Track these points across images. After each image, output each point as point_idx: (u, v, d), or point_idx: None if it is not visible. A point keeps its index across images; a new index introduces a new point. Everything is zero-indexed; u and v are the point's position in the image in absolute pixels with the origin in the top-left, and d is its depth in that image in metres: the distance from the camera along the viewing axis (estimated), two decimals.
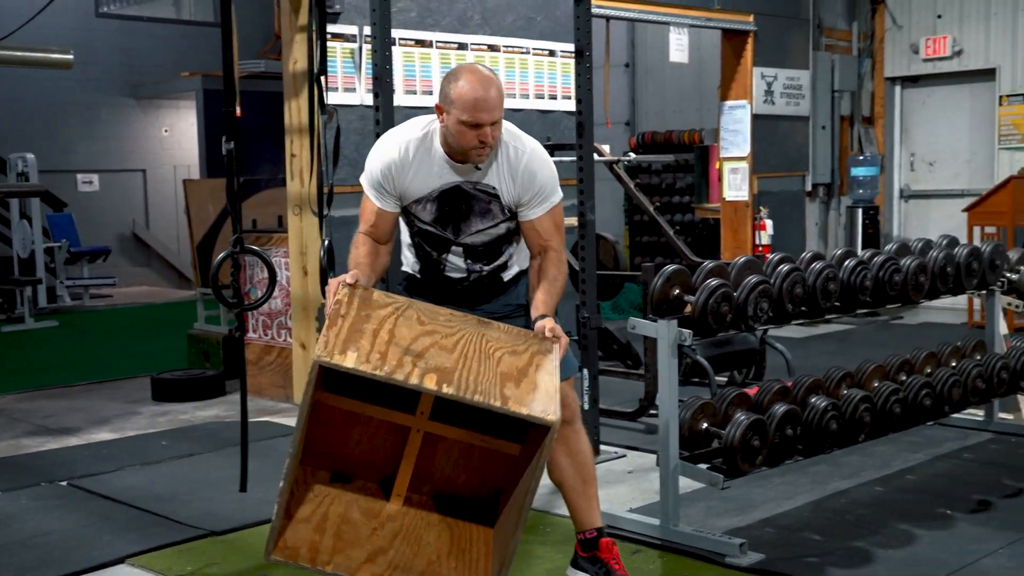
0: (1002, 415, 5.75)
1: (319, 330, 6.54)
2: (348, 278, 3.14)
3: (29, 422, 6.54)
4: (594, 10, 7.68)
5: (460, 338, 3.04)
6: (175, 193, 14.57)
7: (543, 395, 2.92)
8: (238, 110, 4.42)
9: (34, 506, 4.75)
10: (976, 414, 5.73)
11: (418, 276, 3.59)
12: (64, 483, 5.10)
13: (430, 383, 2.81)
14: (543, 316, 3.24)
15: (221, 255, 4.27)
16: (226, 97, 4.27)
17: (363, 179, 3.42)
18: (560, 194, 3.45)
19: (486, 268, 3.52)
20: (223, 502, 4.72)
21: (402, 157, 3.33)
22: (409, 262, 3.63)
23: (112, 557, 4.06)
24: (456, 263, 3.50)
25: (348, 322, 2.95)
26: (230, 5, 4.29)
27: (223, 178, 12.42)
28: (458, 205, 3.39)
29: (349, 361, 2.78)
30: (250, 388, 7.06)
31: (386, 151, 3.36)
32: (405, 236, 3.58)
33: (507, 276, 3.57)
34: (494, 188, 3.36)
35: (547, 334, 3.15)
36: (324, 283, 4.86)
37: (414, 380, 2.80)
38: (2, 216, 12.04)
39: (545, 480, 3.24)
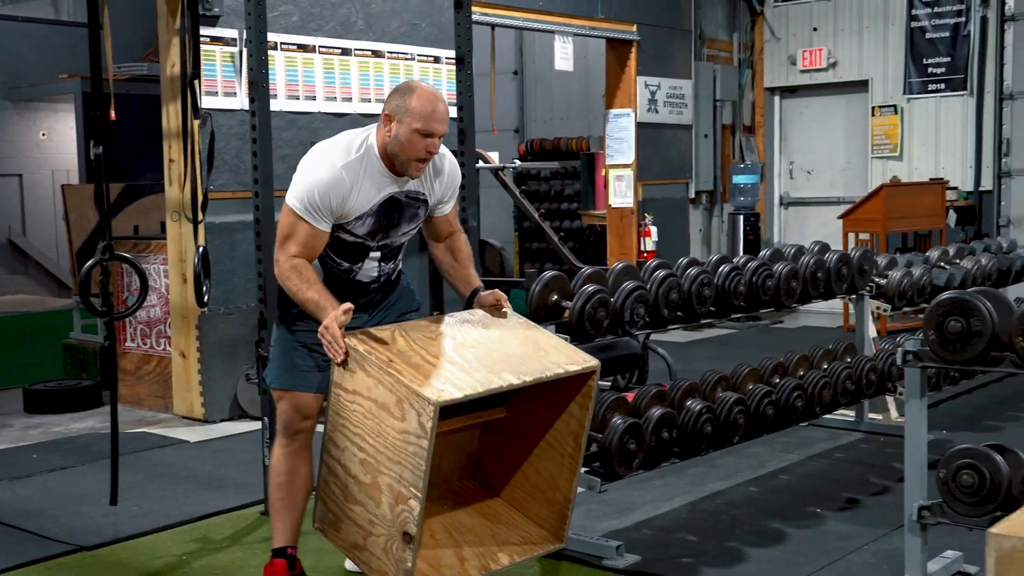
0: (871, 415, 5.93)
1: (199, 339, 6.44)
2: (342, 314, 3.16)
3: None
4: (478, 17, 7.74)
5: (464, 339, 3.33)
6: (53, 199, 14.13)
7: (563, 350, 3.35)
8: (112, 114, 4.32)
9: None
10: (847, 415, 5.90)
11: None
12: None
13: (514, 379, 3.09)
14: (479, 288, 3.56)
15: (90, 262, 4.15)
16: (95, 100, 4.17)
17: (294, 201, 3.30)
18: None
19: (394, 268, 3.62)
20: (95, 516, 4.60)
21: (343, 183, 3.30)
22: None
23: None
24: (369, 269, 3.53)
25: (397, 359, 3.11)
26: (97, 7, 4.18)
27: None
28: (392, 214, 3.44)
29: (456, 391, 2.98)
30: (128, 398, 6.94)
31: (324, 177, 3.29)
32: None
33: (396, 272, 3.67)
34: (423, 194, 3.49)
35: (495, 302, 3.47)
36: (199, 290, 4.78)
37: (501, 382, 3.07)
38: None
39: None
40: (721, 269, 4.77)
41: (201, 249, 4.65)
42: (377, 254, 3.52)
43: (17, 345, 9.67)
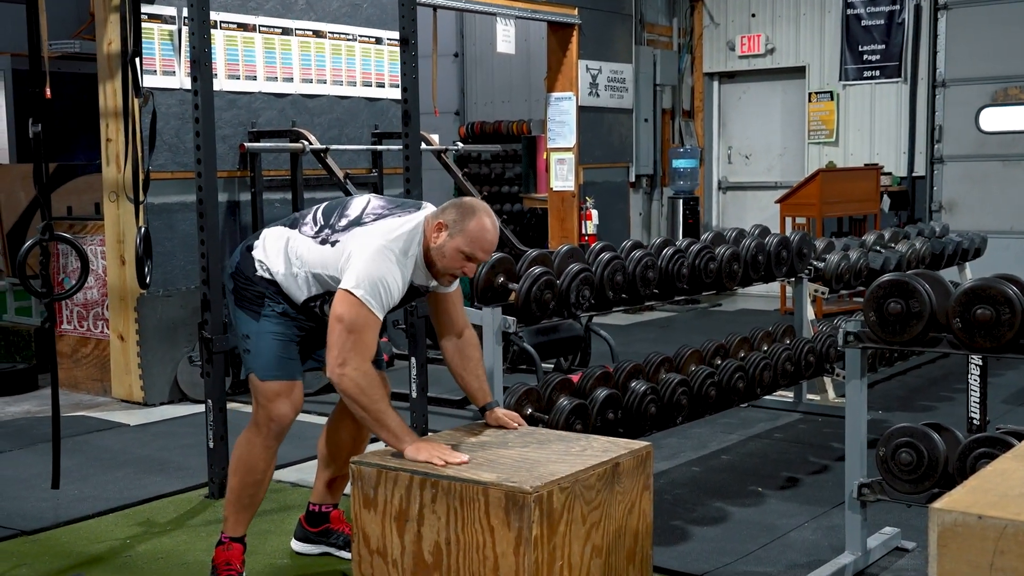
0: (810, 396, 6.04)
1: (138, 321, 6.35)
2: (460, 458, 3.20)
3: None
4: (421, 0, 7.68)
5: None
6: None
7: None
8: (47, 91, 4.24)
9: None
10: (786, 396, 6.00)
11: (290, 313, 3.52)
12: None
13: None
14: (493, 405, 3.59)
15: (29, 243, 4.07)
16: (32, 78, 4.09)
17: (364, 292, 3.24)
18: None
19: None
20: (34, 500, 4.54)
21: (405, 276, 3.35)
22: (290, 290, 3.50)
23: None
24: None
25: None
26: None
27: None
28: (410, 300, 3.58)
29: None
30: (65, 382, 6.83)
31: (396, 269, 3.31)
32: (294, 281, 3.48)
33: None
34: (431, 286, 3.55)
35: (511, 423, 3.57)
36: (141, 272, 4.72)
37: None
38: None
39: None
40: (665, 252, 4.81)
41: (143, 230, 4.59)
42: None
43: None
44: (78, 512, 4.39)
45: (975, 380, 4.19)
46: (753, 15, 11.19)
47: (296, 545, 3.90)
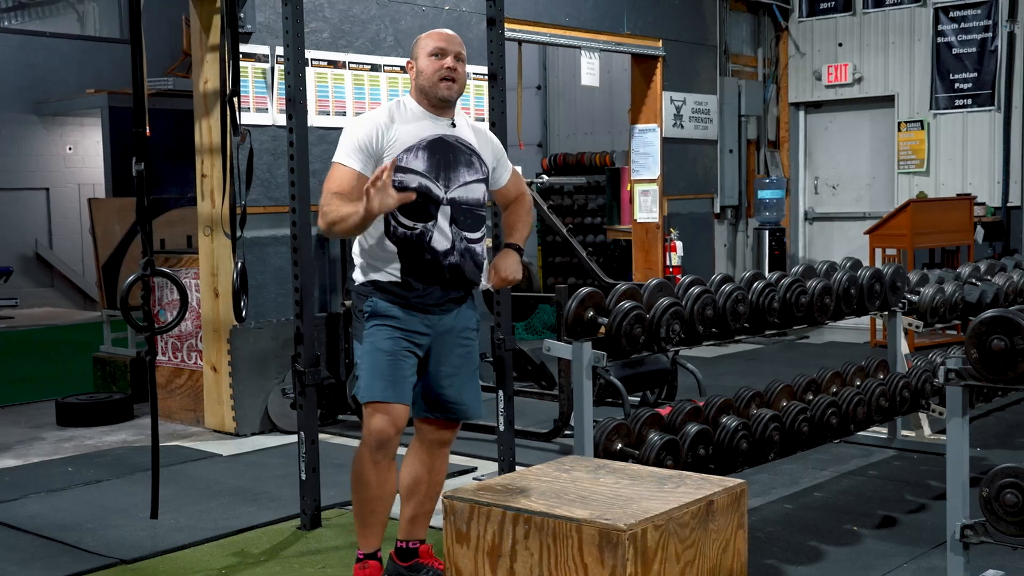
0: (905, 432, 5.91)
1: (230, 352, 6.47)
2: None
3: None
4: (506, 34, 7.76)
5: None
6: (80, 212, 14.25)
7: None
8: (148, 130, 4.36)
9: None
10: (880, 432, 5.88)
11: (397, 276, 3.61)
12: None
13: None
14: (511, 246, 3.80)
15: (131, 277, 4.20)
16: (135, 117, 4.22)
17: (343, 150, 3.57)
18: None
19: (468, 243, 3.67)
20: (133, 529, 4.62)
21: (388, 117, 3.61)
22: (379, 266, 3.63)
23: None
24: (444, 230, 3.60)
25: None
26: (139, 26, 4.23)
27: (129, 197, 12.18)
28: (446, 154, 3.62)
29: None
30: (160, 412, 6.93)
31: (369, 117, 3.65)
32: (370, 241, 3.62)
33: (481, 266, 3.76)
34: (471, 143, 3.71)
35: (498, 276, 3.74)
36: (237, 305, 4.82)
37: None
38: None
39: None
40: (755, 285, 4.77)
41: (240, 265, 4.68)
42: (448, 209, 3.61)
43: (46, 358, 9.75)
44: (175, 542, 4.46)
45: None
46: (840, 44, 11.09)
47: None
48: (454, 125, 3.69)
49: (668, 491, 3.36)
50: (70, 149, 14.66)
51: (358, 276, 3.69)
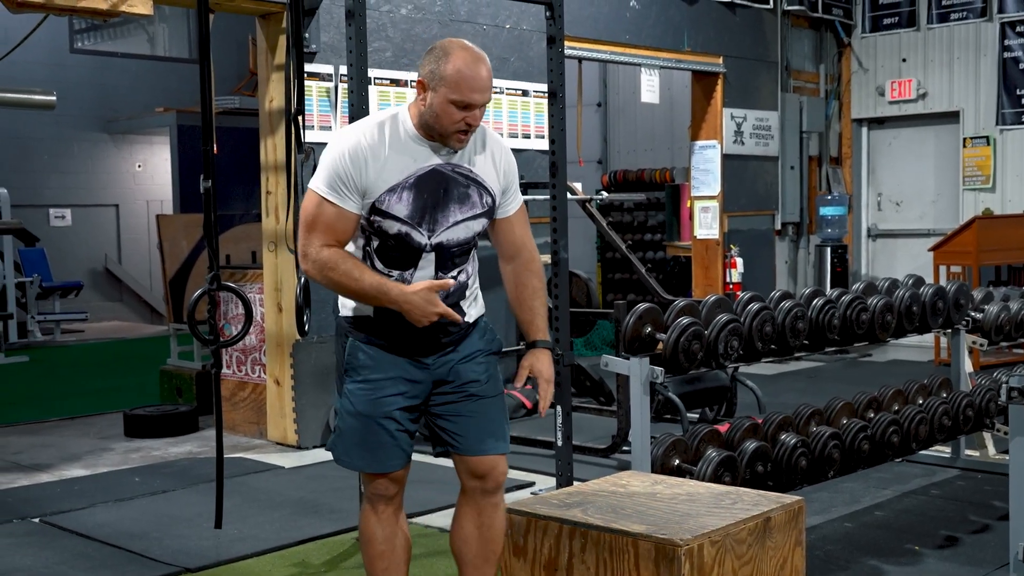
0: (968, 452, 5.82)
1: (293, 366, 6.57)
2: (436, 285, 2.95)
3: (0, 458, 6.49)
4: (567, 52, 7.81)
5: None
6: (148, 228, 14.53)
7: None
8: (215, 148, 4.45)
9: (6, 543, 4.70)
10: (943, 451, 5.79)
11: (370, 314, 3.05)
12: (36, 520, 5.06)
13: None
14: (540, 345, 3.21)
15: (198, 292, 4.29)
16: (203, 135, 4.32)
17: (317, 181, 2.96)
18: None
19: (458, 287, 3.09)
20: (197, 538, 4.70)
21: (371, 142, 2.94)
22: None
23: None
24: (424, 279, 3.02)
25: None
26: (208, 46, 4.33)
27: (196, 213, 12.34)
28: (436, 191, 2.99)
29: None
30: (224, 424, 7.08)
31: (349, 140, 2.94)
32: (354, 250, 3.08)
33: (468, 311, 3.15)
34: (472, 171, 3.06)
35: (541, 399, 3.20)
36: (300, 320, 4.90)
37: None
38: None
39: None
40: (815, 302, 4.74)
41: (303, 280, 4.76)
42: (431, 256, 3.03)
43: (115, 371, 9.95)
44: (238, 552, 4.53)
45: None
46: (904, 60, 10.98)
47: None
48: (454, 151, 3.02)
49: (725, 507, 3.36)
50: (139, 166, 14.97)
51: (340, 305, 3.14)
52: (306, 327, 4.86)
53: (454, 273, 3.08)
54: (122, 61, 14.37)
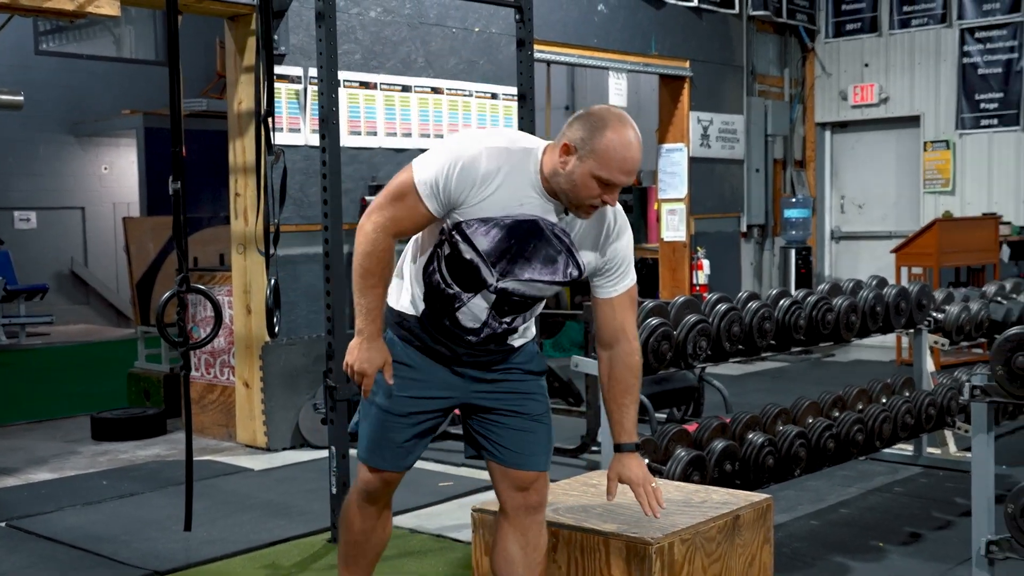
0: (930, 449, 5.88)
1: (262, 368, 6.54)
2: (384, 369, 2.88)
3: None
4: (536, 55, 7.83)
5: None
6: (114, 231, 14.40)
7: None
8: (184, 150, 4.42)
9: None
10: (906, 449, 5.85)
11: (417, 317, 2.95)
12: (3, 524, 4.98)
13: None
14: (626, 448, 3.06)
15: (167, 294, 4.25)
16: (173, 137, 4.28)
17: (421, 166, 2.77)
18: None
19: (500, 328, 2.94)
20: (166, 541, 4.65)
21: (489, 168, 2.73)
22: (409, 288, 2.98)
23: None
24: (476, 311, 2.89)
25: None
26: (177, 48, 4.30)
27: (163, 216, 12.28)
28: (526, 243, 2.80)
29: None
30: (193, 427, 7.02)
31: (469, 153, 2.74)
32: (416, 263, 2.95)
33: (514, 343, 3.02)
34: (571, 240, 2.84)
35: (644, 505, 3.05)
36: (270, 322, 4.87)
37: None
38: None
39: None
40: (781, 303, 4.78)
41: (273, 282, 4.74)
42: (492, 297, 2.87)
43: (82, 374, 9.87)
44: (208, 554, 4.49)
45: None
46: (866, 65, 11.09)
47: None
48: (566, 212, 2.80)
49: (695, 506, 3.37)
50: (105, 169, 14.83)
51: (390, 295, 2.99)
52: (276, 328, 4.82)
53: (507, 320, 2.92)
54: (88, 63, 14.24)
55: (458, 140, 2.82)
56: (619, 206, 2.91)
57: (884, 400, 5.25)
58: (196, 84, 13.00)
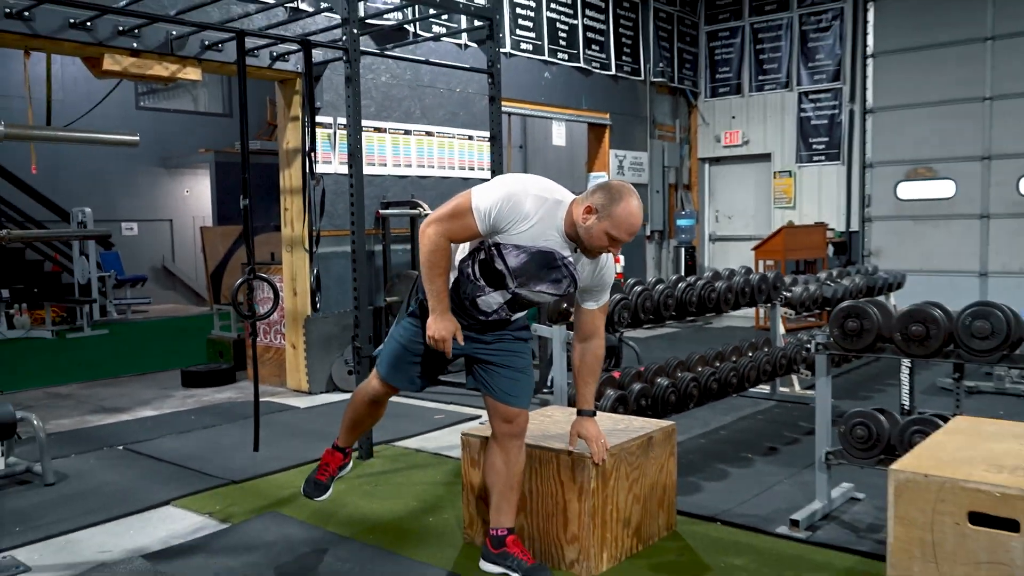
0: (782, 389, 5.94)
1: (305, 335, 6.46)
2: (456, 334, 2.81)
3: (91, 404, 6.29)
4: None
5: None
6: (194, 236, 14.18)
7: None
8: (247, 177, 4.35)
9: (100, 464, 4.58)
10: (764, 389, 5.91)
11: (449, 287, 2.89)
12: (120, 448, 4.94)
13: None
14: (588, 412, 3.06)
15: (239, 280, 4.18)
16: (243, 166, 4.21)
17: (480, 194, 2.72)
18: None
19: (505, 316, 2.96)
20: (240, 459, 4.61)
21: (529, 209, 2.70)
22: (453, 270, 2.92)
23: (160, 500, 3.95)
24: (492, 303, 2.89)
25: None
26: (246, 105, 4.22)
27: (231, 225, 12.02)
28: (542, 267, 2.79)
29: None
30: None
31: (521, 199, 2.69)
32: (460, 255, 2.90)
33: (514, 319, 3.03)
34: (574, 270, 2.83)
35: (595, 454, 3.02)
36: (314, 300, 4.81)
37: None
38: (67, 253, 11.57)
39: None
40: (679, 285, 4.79)
41: (316, 271, 4.68)
42: (508, 296, 2.88)
43: (172, 339, 9.71)
44: (270, 468, 4.45)
45: (906, 377, 4.10)
46: (733, 117, 11.15)
47: (483, 564, 3.12)
48: (576, 251, 2.80)
49: (621, 430, 3.38)
50: (187, 192, 14.59)
51: (420, 289, 2.99)
52: (318, 305, 4.76)
53: (514, 311, 2.95)
54: (174, 115, 14.00)
55: (512, 181, 2.75)
56: (609, 267, 2.94)
57: (751, 354, 5.28)
58: (252, 130, 12.81)
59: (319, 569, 3.17)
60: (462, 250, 2.89)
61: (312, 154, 4.71)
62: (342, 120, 6.52)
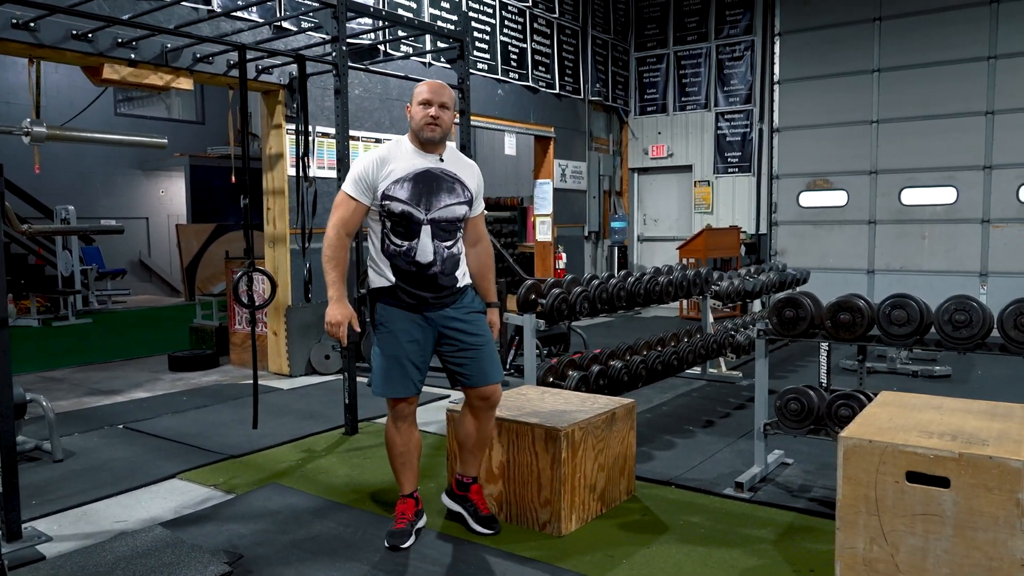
0: (712, 370, 6.06)
1: (286, 323, 6.32)
2: (352, 324, 2.83)
3: (85, 387, 6.03)
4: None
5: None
6: (168, 233, 13.71)
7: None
8: (233, 178, 4.23)
9: (103, 442, 4.41)
10: (697, 370, 6.02)
11: (392, 281, 2.89)
12: (120, 426, 4.75)
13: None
14: (494, 304, 3.11)
15: (240, 273, 4.07)
16: (241, 170, 4.11)
17: (348, 180, 2.86)
18: None
19: (446, 253, 2.90)
20: (234, 436, 4.50)
21: (383, 154, 2.87)
22: (381, 271, 2.91)
23: (166, 474, 3.84)
24: (425, 248, 2.86)
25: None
26: (246, 115, 4.11)
27: (204, 223, 11.67)
28: (429, 183, 2.86)
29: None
30: (238, 361, 6.79)
31: (370, 155, 2.89)
32: (377, 250, 2.90)
33: (460, 278, 2.97)
34: (456, 173, 2.92)
35: (494, 335, 3.06)
36: (307, 293, 4.71)
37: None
38: (50, 248, 11.04)
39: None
40: (627, 280, 4.85)
41: (308, 265, 4.58)
42: (428, 228, 2.85)
43: (151, 327, 9.39)
44: (265, 443, 4.36)
45: (824, 358, 4.25)
46: (659, 133, 11.31)
47: (444, 499, 3.24)
48: (442, 159, 2.89)
49: (588, 407, 3.42)
50: (162, 192, 14.10)
51: (370, 280, 2.96)
52: (309, 295, 4.67)
53: (448, 244, 2.90)
54: (150, 121, 13.49)
55: (360, 157, 2.94)
56: (476, 166, 3.04)
57: (687, 340, 5.39)
58: (222, 137, 12.44)
59: (325, 534, 3.13)
60: (375, 245, 2.91)
61: (306, 158, 4.59)
62: (320, 128, 6.40)
